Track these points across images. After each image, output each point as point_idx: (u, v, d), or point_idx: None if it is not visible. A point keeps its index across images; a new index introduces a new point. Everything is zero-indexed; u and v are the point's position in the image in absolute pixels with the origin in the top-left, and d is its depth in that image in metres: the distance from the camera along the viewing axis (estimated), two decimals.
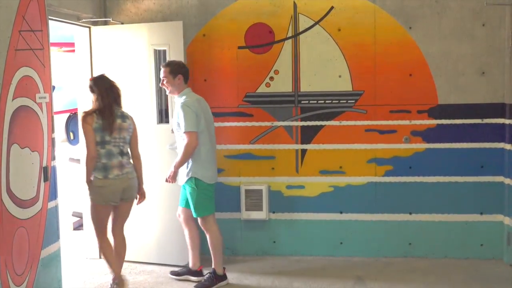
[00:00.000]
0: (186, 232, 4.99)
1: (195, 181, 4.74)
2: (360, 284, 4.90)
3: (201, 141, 4.71)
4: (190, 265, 5.05)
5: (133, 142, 4.60)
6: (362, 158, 5.45)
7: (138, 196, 4.66)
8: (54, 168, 4.21)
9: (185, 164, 4.74)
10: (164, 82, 4.80)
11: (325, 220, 5.52)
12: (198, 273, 5.01)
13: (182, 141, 4.72)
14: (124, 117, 4.53)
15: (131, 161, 4.59)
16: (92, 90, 4.48)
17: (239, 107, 5.54)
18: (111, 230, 4.63)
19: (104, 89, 4.45)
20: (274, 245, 5.62)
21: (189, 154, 4.67)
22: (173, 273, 5.10)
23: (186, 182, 4.78)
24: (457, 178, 5.37)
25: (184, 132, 4.65)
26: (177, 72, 4.77)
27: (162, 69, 4.81)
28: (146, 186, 4.77)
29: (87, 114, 4.41)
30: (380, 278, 5.00)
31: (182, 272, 5.07)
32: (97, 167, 4.37)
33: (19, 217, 3.74)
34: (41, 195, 4.00)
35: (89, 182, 4.38)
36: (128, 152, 4.57)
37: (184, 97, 4.77)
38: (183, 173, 4.78)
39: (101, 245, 4.56)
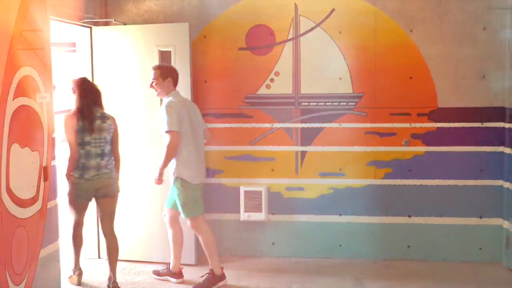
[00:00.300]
0: (170, 233, 5.00)
1: (181, 182, 4.73)
2: (359, 286, 4.90)
3: (184, 141, 4.69)
4: (171, 266, 5.05)
5: (114, 142, 4.73)
6: (362, 161, 5.45)
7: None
8: (54, 168, 4.22)
9: (172, 165, 4.74)
10: (153, 84, 4.80)
11: (324, 222, 5.52)
12: (177, 275, 5.01)
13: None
14: (105, 117, 4.64)
15: (113, 161, 4.72)
16: (73, 91, 4.65)
17: (239, 109, 5.54)
18: (101, 229, 4.81)
19: (83, 90, 4.61)
20: (273, 247, 5.62)
21: (170, 153, 4.65)
22: (155, 272, 5.11)
23: (173, 182, 4.78)
24: (457, 182, 5.37)
25: (166, 132, 4.64)
26: (167, 75, 4.78)
27: (153, 71, 4.82)
28: (148, 186, 4.76)
29: (68, 116, 4.57)
30: (379, 281, 5.01)
31: (163, 273, 5.07)
32: (77, 166, 4.57)
33: (19, 217, 3.74)
34: (40, 195, 4.00)
35: (68, 177, 4.60)
36: (109, 153, 4.68)
37: (170, 98, 4.77)
38: (170, 173, 4.79)
39: (72, 234, 4.82)
